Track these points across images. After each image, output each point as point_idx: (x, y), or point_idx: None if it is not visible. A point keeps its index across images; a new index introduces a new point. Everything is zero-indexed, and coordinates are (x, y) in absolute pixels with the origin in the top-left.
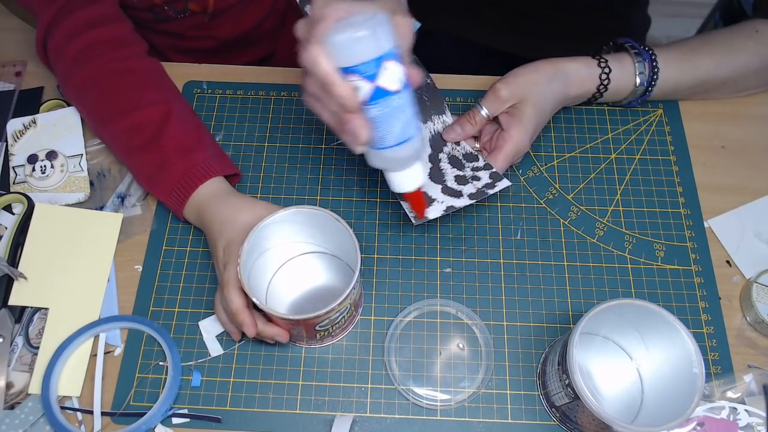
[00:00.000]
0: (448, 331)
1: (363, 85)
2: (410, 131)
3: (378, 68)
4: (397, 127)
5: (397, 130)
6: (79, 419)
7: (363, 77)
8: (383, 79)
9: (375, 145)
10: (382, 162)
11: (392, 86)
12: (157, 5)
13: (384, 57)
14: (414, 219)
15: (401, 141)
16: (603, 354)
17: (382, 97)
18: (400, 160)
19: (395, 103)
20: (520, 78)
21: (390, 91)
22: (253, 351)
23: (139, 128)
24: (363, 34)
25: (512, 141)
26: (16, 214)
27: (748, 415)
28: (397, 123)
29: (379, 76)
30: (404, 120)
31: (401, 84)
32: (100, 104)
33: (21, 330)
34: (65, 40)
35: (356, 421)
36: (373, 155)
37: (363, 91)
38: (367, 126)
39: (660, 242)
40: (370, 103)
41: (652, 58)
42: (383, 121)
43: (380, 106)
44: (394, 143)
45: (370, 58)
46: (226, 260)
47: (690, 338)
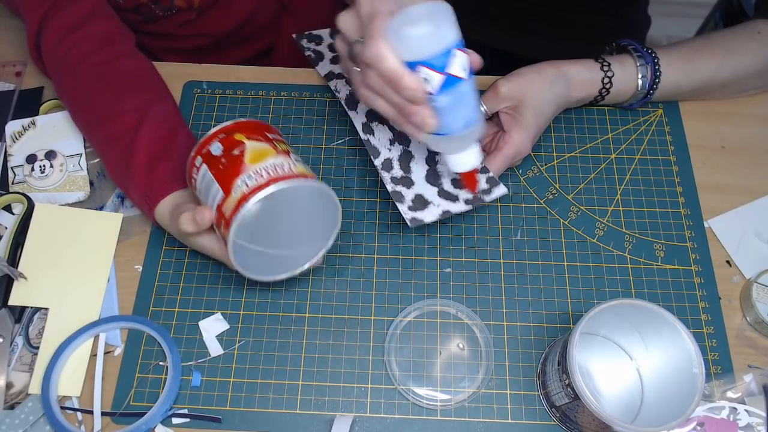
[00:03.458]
0: (448, 331)
1: (434, 77)
2: (476, 115)
3: (448, 58)
4: (465, 112)
5: (466, 115)
6: (79, 419)
7: (434, 69)
8: (453, 68)
9: (442, 131)
10: (446, 146)
11: (461, 74)
12: (144, 5)
13: (453, 47)
14: (410, 222)
15: (469, 125)
16: (603, 354)
17: (452, 85)
18: (463, 142)
19: (464, 89)
20: (522, 78)
21: (460, 78)
22: (253, 351)
23: (115, 139)
24: (432, 29)
25: (513, 143)
26: (16, 214)
27: (748, 415)
28: (464, 109)
29: (449, 66)
30: (471, 105)
31: (467, 71)
32: (84, 112)
33: (21, 330)
34: (54, 43)
35: (356, 421)
36: (437, 140)
37: (433, 82)
38: (434, 116)
39: (660, 242)
40: (440, 92)
41: (655, 60)
42: (453, 109)
43: (450, 94)
44: (462, 128)
45: (441, 51)
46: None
47: (690, 338)
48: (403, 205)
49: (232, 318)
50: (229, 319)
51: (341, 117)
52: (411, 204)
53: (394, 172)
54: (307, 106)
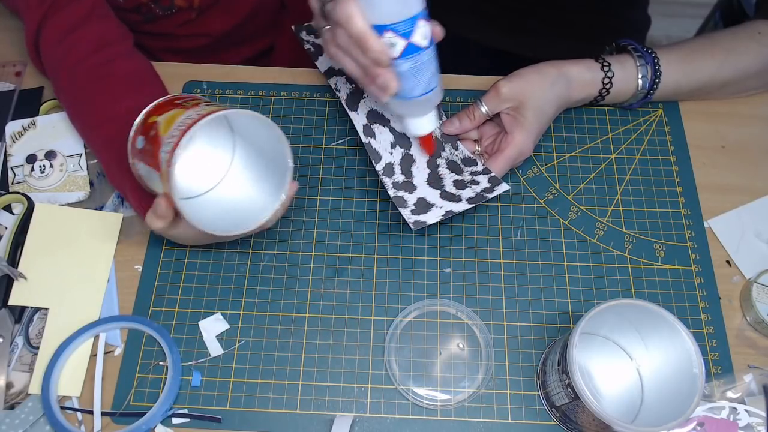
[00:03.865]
0: (448, 331)
1: (398, 42)
2: (434, 82)
3: (413, 26)
4: (425, 78)
5: (425, 82)
6: (79, 419)
7: (399, 35)
8: (416, 37)
9: (403, 95)
10: (406, 110)
11: (423, 43)
12: (144, 4)
13: (418, 16)
14: (413, 225)
15: (427, 91)
16: (603, 354)
17: (415, 52)
18: (422, 107)
19: (424, 58)
20: (523, 78)
21: (421, 47)
22: (253, 351)
23: (111, 141)
24: None
25: (515, 144)
26: (16, 214)
27: (748, 415)
28: (425, 75)
29: (414, 34)
30: (431, 72)
31: (429, 40)
32: (81, 113)
33: (21, 330)
34: (53, 43)
35: (356, 421)
36: (398, 104)
37: (397, 47)
38: (396, 79)
39: (660, 242)
40: (403, 57)
41: (655, 61)
42: (414, 74)
43: (412, 61)
44: (421, 93)
45: (408, 17)
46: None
47: (690, 338)
48: (406, 209)
49: (232, 318)
50: (229, 319)
51: (341, 117)
52: (413, 208)
53: (396, 177)
54: (307, 106)
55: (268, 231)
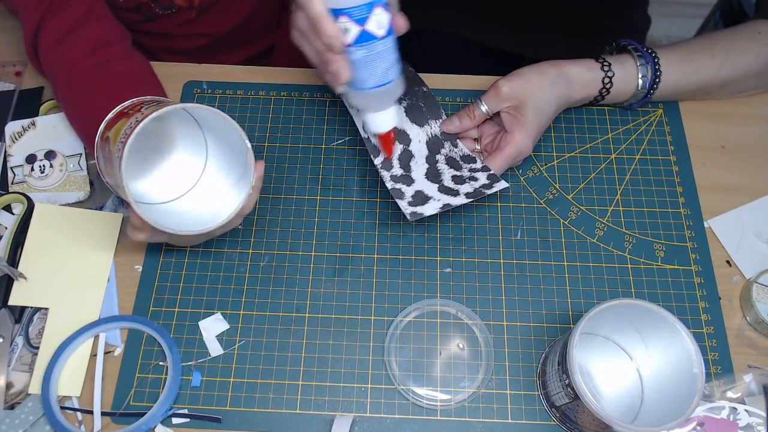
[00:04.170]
0: (448, 331)
1: (351, 27)
2: (390, 75)
3: (369, 13)
4: (379, 70)
5: (379, 73)
6: (79, 419)
7: (353, 20)
8: (371, 24)
9: (356, 85)
10: (361, 102)
11: (379, 32)
12: (144, 3)
13: (375, 2)
14: (409, 216)
15: (382, 83)
16: (603, 354)
17: (368, 40)
18: (378, 101)
19: (379, 48)
20: (523, 78)
21: (376, 36)
22: (253, 351)
23: None
24: None
25: (515, 143)
26: (16, 214)
27: (748, 415)
28: (379, 66)
29: (368, 21)
30: (386, 65)
31: (386, 30)
32: (78, 114)
33: (21, 330)
34: (51, 45)
35: (356, 421)
36: (354, 95)
37: (350, 34)
38: (349, 67)
39: (660, 242)
40: (356, 45)
41: (655, 60)
42: (366, 64)
43: (365, 49)
44: (374, 85)
45: (363, 3)
46: None
47: (690, 338)
48: (403, 200)
49: (232, 318)
50: (229, 319)
51: (341, 117)
52: (411, 200)
53: (394, 171)
54: (307, 106)
55: (268, 231)
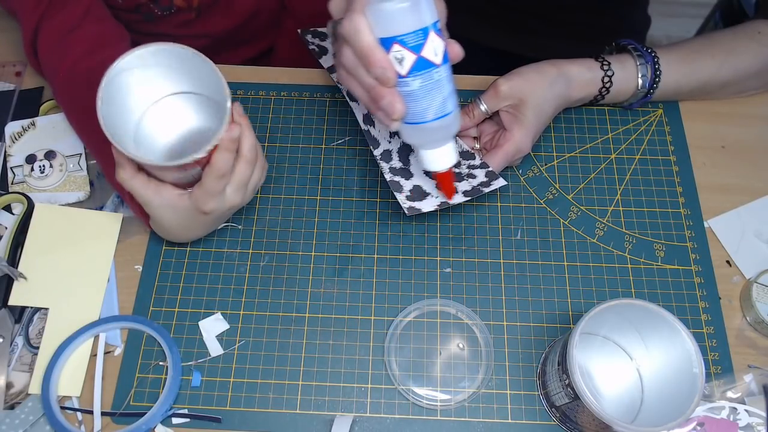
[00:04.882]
0: (448, 331)
1: (406, 56)
2: (450, 106)
3: (424, 39)
4: (437, 100)
5: (437, 104)
6: (79, 419)
7: (407, 48)
8: (427, 51)
9: (413, 119)
10: (418, 138)
11: (435, 59)
12: (143, 4)
13: (429, 28)
14: (407, 210)
15: (440, 115)
16: (603, 354)
17: (425, 69)
18: (436, 135)
19: (436, 76)
20: (523, 77)
21: (433, 63)
22: (253, 351)
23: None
24: (409, 4)
25: (513, 141)
26: (16, 214)
27: (748, 415)
28: (437, 96)
29: (424, 47)
30: (444, 94)
31: (442, 58)
32: (77, 115)
33: (21, 330)
34: (50, 46)
35: (356, 421)
36: (410, 131)
37: (405, 63)
38: (402, 101)
39: (660, 242)
40: (411, 74)
41: (655, 60)
42: (424, 95)
43: (422, 78)
44: (433, 117)
45: (417, 29)
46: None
47: (690, 338)
48: (401, 194)
49: (232, 318)
50: (229, 319)
51: (341, 117)
52: (409, 194)
53: (393, 163)
54: (307, 106)
55: (268, 231)
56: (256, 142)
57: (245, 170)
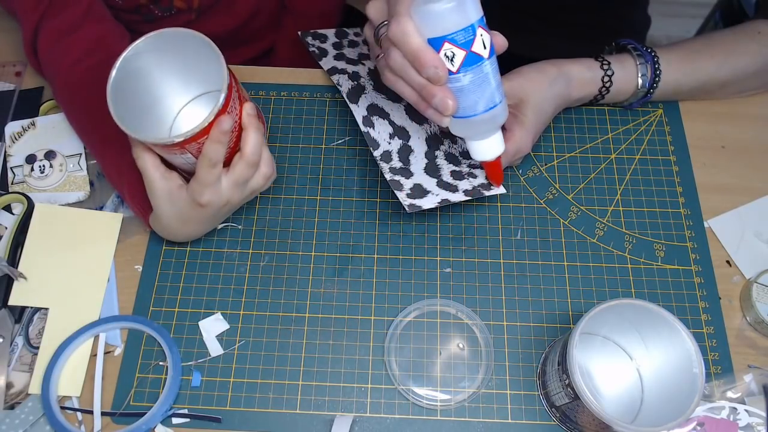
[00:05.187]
0: (448, 331)
1: (457, 53)
2: (498, 97)
3: (473, 35)
4: (487, 92)
5: (488, 96)
6: (79, 419)
7: (458, 45)
8: (477, 46)
9: (464, 113)
10: (468, 130)
11: (484, 52)
12: (143, 5)
13: (476, 24)
14: (408, 208)
15: (490, 107)
16: (603, 354)
17: (476, 63)
18: (486, 126)
19: (486, 69)
20: (523, 76)
21: (482, 56)
22: (253, 351)
23: (107, 144)
24: (455, 3)
25: (514, 141)
26: (16, 214)
27: (748, 415)
28: (488, 88)
29: (474, 43)
30: (494, 86)
31: (489, 50)
32: (78, 115)
33: (21, 330)
34: (49, 46)
35: (356, 421)
36: (460, 124)
37: (456, 59)
38: (454, 97)
39: (660, 242)
40: (462, 71)
41: (655, 60)
42: (475, 89)
43: (472, 72)
44: (484, 109)
45: (464, 27)
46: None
47: (690, 338)
48: (401, 192)
49: (232, 318)
50: (229, 319)
51: (341, 117)
52: (409, 192)
53: (393, 164)
54: (307, 106)
55: (268, 231)
56: (263, 147)
57: (245, 171)
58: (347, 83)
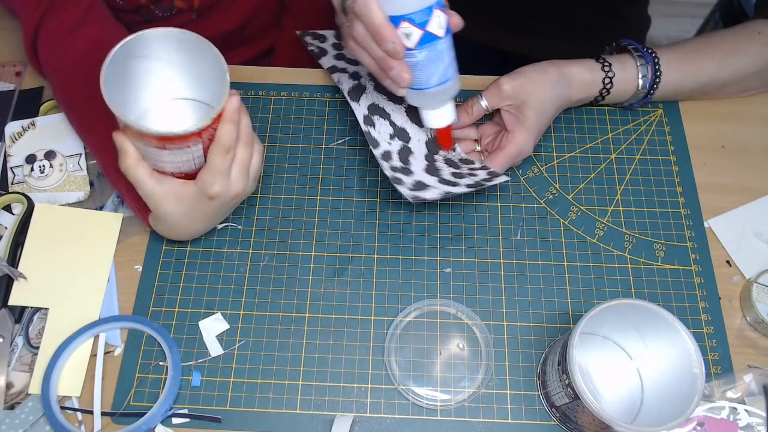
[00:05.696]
0: (448, 331)
1: (413, 32)
2: (450, 73)
3: (429, 16)
4: (440, 69)
5: (440, 72)
6: (79, 419)
7: (414, 24)
8: (432, 26)
9: (418, 86)
10: (422, 101)
11: (439, 32)
12: (143, 5)
13: (433, 6)
14: (411, 199)
15: (442, 81)
16: (603, 354)
17: (431, 41)
18: (438, 98)
19: (440, 47)
20: (525, 77)
21: (437, 36)
22: (253, 351)
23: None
24: None
25: (516, 142)
26: (16, 214)
27: (748, 415)
28: (440, 65)
29: (429, 23)
30: (446, 62)
31: (445, 30)
32: (77, 115)
33: (21, 330)
34: (50, 46)
35: (356, 421)
36: (414, 95)
37: (413, 38)
38: (409, 71)
39: (660, 242)
40: (418, 48)
41: (655, 60)
42: (428, 65)
43: (428, 50)
44: (437, 83)
45: (422, 8)
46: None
47: (690, 338)
48: (403, 186)
49: (232, 318)
50: (229, 319)
51: (341, 117)
52: (411, 186)
53: (393, 163)
54: (307, 106)
55: (268, 231)
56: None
57: (245, 152)
58: (348, 82)
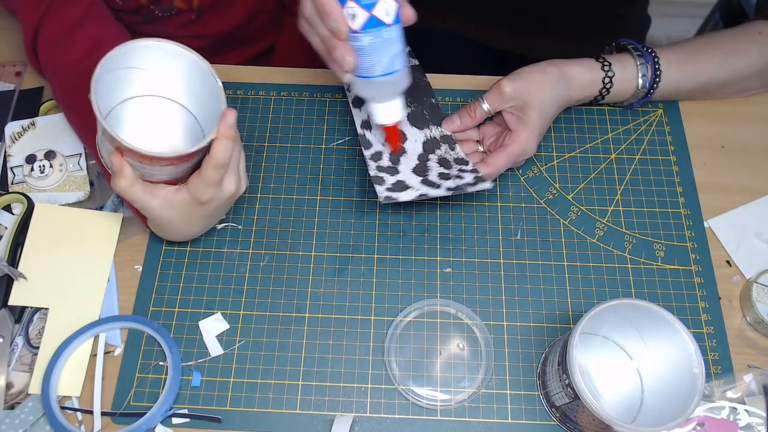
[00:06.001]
0: (448, 331)
1: (359, 13)
2: (397, 65)
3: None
4: (385, 58)
5: (386, 62)
6: (79, 419)
7: (360, 5)
8: (378, 10)
9: (362, 73)
10: (367, 91)
11: (386, 18)
12: (143, 6)
13: None
14: (383, 199)
15: (388, 72)
16: (603, 354)
17: (375, 26)
18: (384, 90)
19: (386, 35)
20: (526, 78)
21: (383, 22)
22: (253, 351)
23: None
24: None
25: (519, 142)
26: (16, 214)
27: (748, 415)
28: (386, 54)
29: (376, 7)
30: (393, 53)
31: (393, 18)
32: (77, 116)
33: (21, 330)
34: (50, 46)
35: (356, 421)
36: (360, 84)
37: (358, 19)
38: (353, 54)
39: (660, 242)
40: (363, 31)
41: (655, 60)
42: (373, 51)
43: (372, 35)
44: (381, 73)
45: None
46: None
47: (690, 338)
48: (382, 186)
49: (232, 318)
50: (229, 319)
51: (341, 117)
52: (390, 186)
53: (382, 162)
54: (307, 106)
55: (268, 231)
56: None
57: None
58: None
